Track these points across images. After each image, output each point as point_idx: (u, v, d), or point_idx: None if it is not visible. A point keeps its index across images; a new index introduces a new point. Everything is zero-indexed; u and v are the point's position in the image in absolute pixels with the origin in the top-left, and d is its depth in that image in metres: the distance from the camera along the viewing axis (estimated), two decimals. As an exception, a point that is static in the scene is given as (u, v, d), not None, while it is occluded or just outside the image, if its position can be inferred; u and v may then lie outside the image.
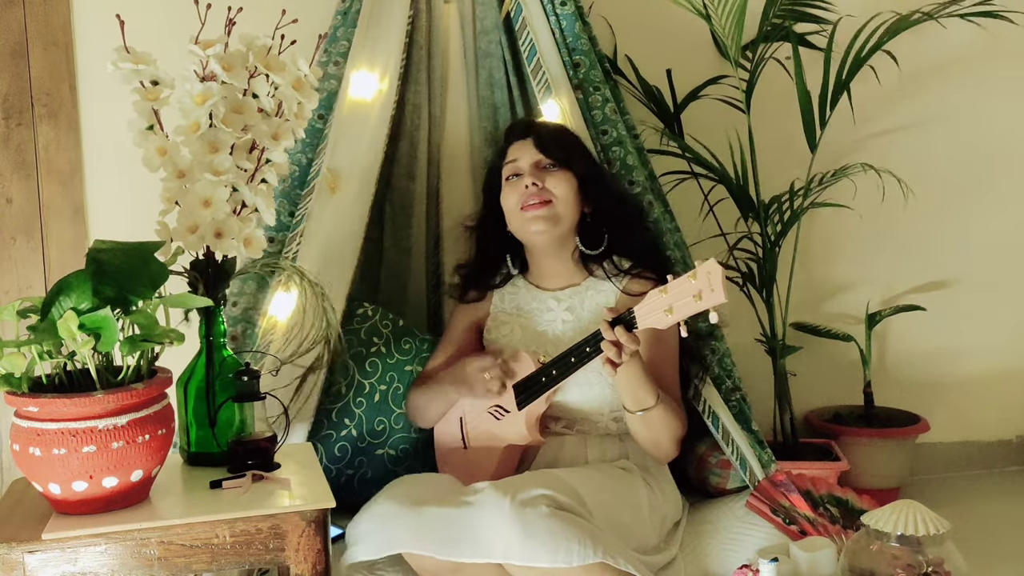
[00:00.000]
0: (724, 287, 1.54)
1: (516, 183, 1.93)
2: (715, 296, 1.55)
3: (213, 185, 1.53)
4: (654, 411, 1.77)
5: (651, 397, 1.76)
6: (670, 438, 1.82)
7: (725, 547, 1.83)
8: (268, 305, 1.95)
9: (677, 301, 1.61)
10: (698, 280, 1.57)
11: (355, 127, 2.07)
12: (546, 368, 1.83)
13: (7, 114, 2.33)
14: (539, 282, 2.02)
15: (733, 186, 2.45)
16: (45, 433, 1.33)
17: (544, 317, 1.97)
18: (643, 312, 1.66)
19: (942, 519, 1.63)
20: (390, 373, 2.05)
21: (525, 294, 2.02)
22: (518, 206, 1.91)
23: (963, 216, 2.83)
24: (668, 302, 1.62)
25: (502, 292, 2.05)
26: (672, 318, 1.62)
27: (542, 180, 1.89)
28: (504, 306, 2.03)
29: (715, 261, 1.56)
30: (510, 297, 2.03)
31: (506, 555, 1.52)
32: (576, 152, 1.97)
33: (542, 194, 1.89)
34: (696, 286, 1.57)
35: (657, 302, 1.64)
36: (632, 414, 1.78)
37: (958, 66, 2.76)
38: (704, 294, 1.56)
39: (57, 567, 1.35)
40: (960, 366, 2.90)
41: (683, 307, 1.60)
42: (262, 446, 1.58)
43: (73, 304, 1.34)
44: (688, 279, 1.59)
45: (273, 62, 1.57)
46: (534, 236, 1.92)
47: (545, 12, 2.13)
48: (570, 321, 1.94)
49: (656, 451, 1.85)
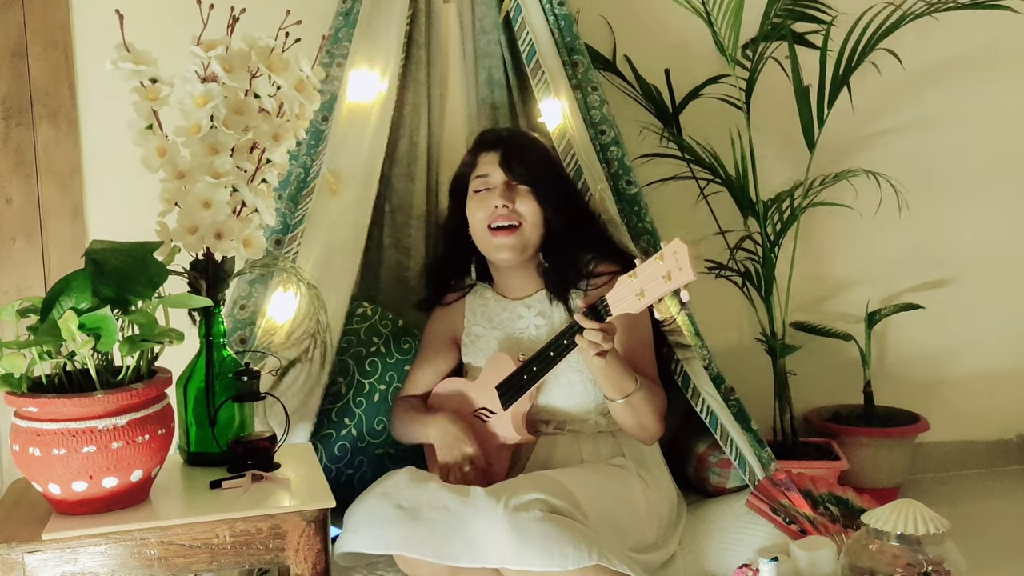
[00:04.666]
0: (692, 264, 1.53)
1: (485, 197, 1.91)
2: (684, 275, 1.54)
3: (213, 187, 1.53)
4: (636, 395, 1.77)
5: (630, 383, 1.77)
6: (655, 418, 1.82)
7: (725, 546, 1.83)
8: (267, 305, 1.95)
9: (647, 284, 1.60)
10: (665, 261, 1.57)
11: (355, 128, 2.07)
12: (526, 366, 1.83)
13: (7, 114, 2.33)
14: (505, 292, 2.02)
15: (733, 185, 2.45)
16: (45, 433, 1.33)
17: (516, 325, 1.97)
18: (615, 299, 1.66)
19: (942, 518, 1.64)
20: (390, 373, 2.05)
21: (494, 305, 2.02)
22: (485, 223, 1.90)
23: (963, 215, 2.83)
24: (639, 286, 1.62)
25: (472, 303, 2.05)
26: (644, 301, 1.62)
27: (512, 201, 1.88)
28: (476, 318, 2.03)
29: (679, 240, 1.55)
30: (480, 308, 2.03)
31: (501, 560, 1.53)
32: (543, 171, 1.93)
33: (511, 216, 1.88)
34: (664, 267, 1.57)
35: (628, 287, 1.64)
36: (615, 402, 1.78)
37: (958, 64, 2.75)
38: (673, 274, 1.55)
39: (57, 567, 1.35)
40: (960, 365, 2.90)
41: (653, 289, 1.59)
42: (262, 446, 1.58)
43: (73, 304, 1.34)
44: (655, 261, 1.59)
45: (275, 62, 1.57)
46: (500, 261, 1.93)
47: (544, 12, 2.13)
48: (543, 325, 1.95)
49: (643, 433, 1.85)
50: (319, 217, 2.03)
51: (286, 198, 2.03)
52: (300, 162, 2.05)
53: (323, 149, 2.06)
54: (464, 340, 2.04)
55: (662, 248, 1.57)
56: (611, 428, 1.92)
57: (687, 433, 2.20)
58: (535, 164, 1.93)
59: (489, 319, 2.01)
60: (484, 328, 2.01)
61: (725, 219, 2.57)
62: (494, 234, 1.89)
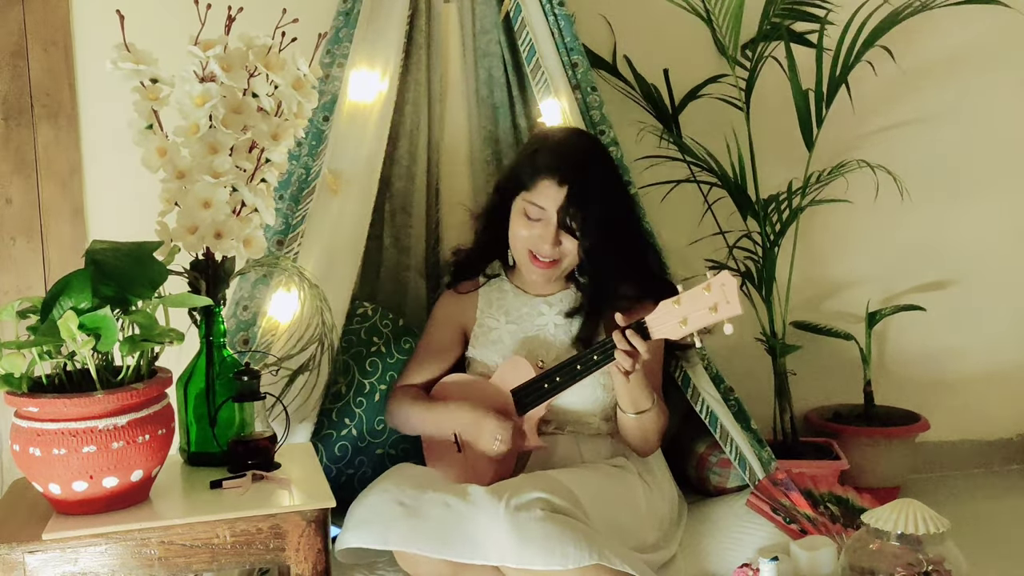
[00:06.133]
0: (740, 299, 1.58)
1: (533, 226, 1.86)
2: (731, 308, 1.59)
3: (212, 187, 1.53)
4: (649, 413, 1.79)
5: (648, 400, 1.79)
6: (659, 436, 1.86)
7: (725, 546, 1.83)
8: (268, 305, 1.95)
9: (692, 313, 1.63)
10: (712, 292, 1.60)
11: (356, 128, 2.07)
12: (549, 374, 1.82)
13: (7, 114, 2.33)
14: (525, 287, 2.00)
15: (732, 185, 2.45)
16: (45, 433, 1.33)
17: (536, 321, 1.96)
18: (656, 323, 1.68)
19: (942, 518, 1.64)
20: (390, 373, 2.05)
21: (513, 298, 2.00)
22: (527, 246, 1.88)
23: (963, 215, 2.83)
24: (682, 313, 1.64)
25: (488, 294, 2.02)
26: (686, 329, 1.64)
27: (559, 244, 1.85)
28: (491, 310, 2.00)
29: (729, 273, 1.59)
30: (497, 300, 2.01)
31: (501, 559, 1.53)
32: (600, 221, 1.83)
33: (553, 253, 1.86)
34: (711, 298, 1.60)
35: (671, 313, 1.66)
36: (627, 415, 1.79)
37: (958, 63, 2.75)
38: (720, 306, 1.59)
39: (57, 567, 1.35)
40: (960, 365, 2.90)
41: (698, 318, 1.63)
42: (262, 446, 1.58)
43: (73, 304, 1.34)
44: (702, 291, 1.62)
45: (273, 61, 1.57)
46: (531, 281, 1.93)
47: (544, 12, 2.13)
48: (563, 325, 1.94)
49: (644, 446, 1.86)
50: (320, 217, 2.03)
51: (288, 198, 2.03)
52: (301, 162, 2.04)
53: (324, 149, 2.06)
54: (475, 331, 2.01)
55: (709, 279, 1.60)
56: (610, 431, 1.92)
57: (687, 433, 2.20)
58: (594, 215, 1.83)
59: (506, 312, 1.98)
60: (498, 321, 1.98)
61: (725, 219, 2.56)
62: (532, 261, 1.88)
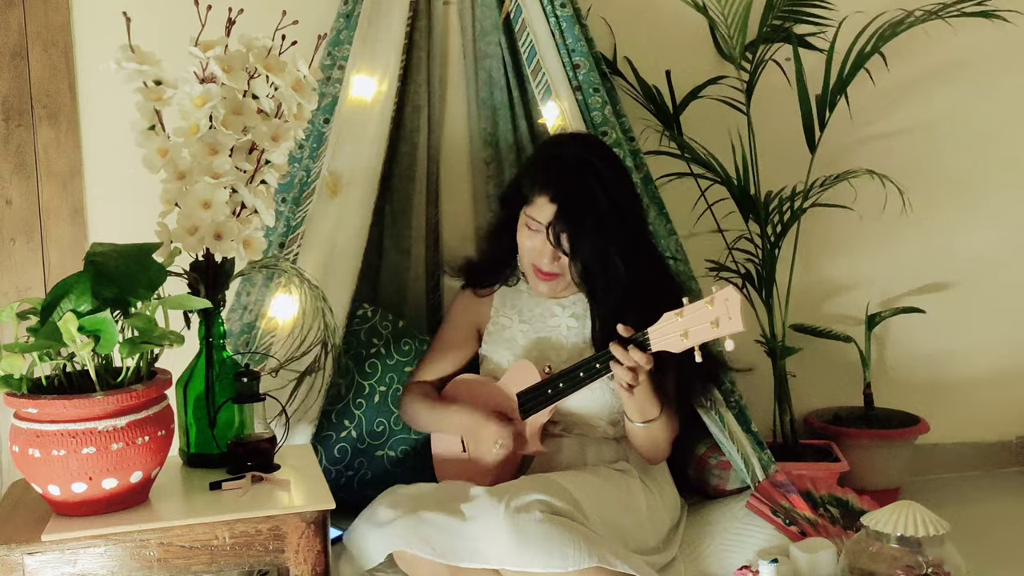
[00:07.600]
0: (743, 315, 1.54)
1: (534, 236, 1.86)
2: (733, 324, 1.56)
3: (212, 188, 1.53)
4: (657, 422, 1.78)
5: (656, 409, 1.78)
6: (668, 444, 1.85)
7: (725, 548, 1.83)
8: (268, 307, 1.95)
9: (693, 326, 1.61)
10: (715, 307, 1.58)
11: (355, 129, 2.07)
12: (553, 380, 1.82)
13: (7, 115, 2.32)
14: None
15: (733, 187, 2.45)
16: (45, 434, 1.33)
17: (548, 323, 1.96)
18: (657, 335, 1.66)
19: (942, 520, 1.64)
20: (389, 374, 2.05)
21: (527, 299, 2.01)
22: (531, 257, 1.88)
23: (963, 218, 2.83)
24: (684, 326, 1.62)
25: (504, 295, 2.04)
26: (687, 343, 1.62)
27: (557, 259, 1.85)
28: (505, 309, 2.02)
29: (732, 288, 1.57)
30: (512, 300, 2.02)
31: (501, 561, 1.53)
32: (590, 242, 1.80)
33: (553, 267, 1.86)
34: (713, 312, 1.58)
35: (673, 325, 1.64)
36: (635, 424, 1.79)
37: (959, 68, 2.75)
38: (722, 321, 1.57)
39: (57, 568, 1.35)
40: (960, 367, 2.90)
41: (699, 333, 1.60)
42: (262, 447, 1.58)
43: (73, 306, 1.34)
44: (705, 305, 1.59)
45: (273, 63, 1.57)
46: (537, 289, 1.93)
47: (545, 13, 2.13)
48: (575, 327, 1.94)
49: (652, 454, 1.86)
50: (320, 219, 2.02)
51: (290, 201, 2.03)
52: (303, 164, 2.04)
53: (324, 151, 2.06)
54: (489, 329, 2.02)
55: (713, 293, 1.58)
56: (617, 435, 1.92)
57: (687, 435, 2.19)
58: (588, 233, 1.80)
59: (519, 312, 2.00)
60: (511, 320, 1.99)
61: (725, 221, 2.56)
62: (536, 273, 1.89)
